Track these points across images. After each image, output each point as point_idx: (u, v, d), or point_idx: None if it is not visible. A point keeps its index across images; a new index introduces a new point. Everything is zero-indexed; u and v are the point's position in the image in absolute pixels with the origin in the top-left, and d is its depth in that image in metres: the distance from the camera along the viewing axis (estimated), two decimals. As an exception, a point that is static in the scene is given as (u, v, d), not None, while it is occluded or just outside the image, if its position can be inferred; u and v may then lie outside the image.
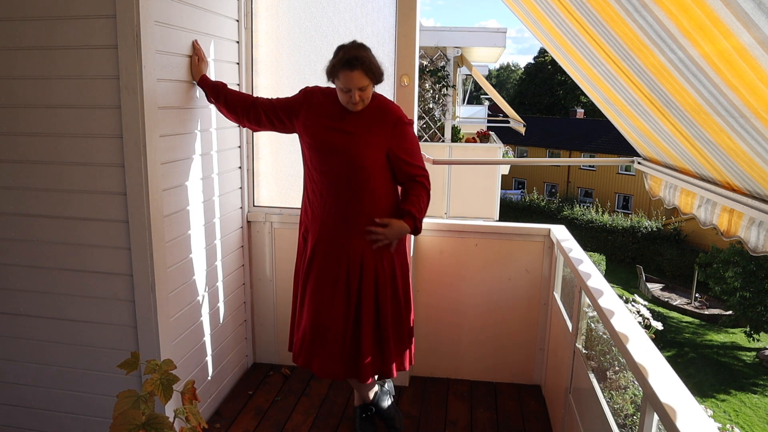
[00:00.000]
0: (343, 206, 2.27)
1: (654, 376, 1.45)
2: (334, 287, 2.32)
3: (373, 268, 2.31)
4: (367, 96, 2.21)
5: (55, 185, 2.19)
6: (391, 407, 2.65)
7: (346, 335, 2.34)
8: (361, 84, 2.15)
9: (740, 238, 1.83)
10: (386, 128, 2.26)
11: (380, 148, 2.25)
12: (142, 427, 1.37)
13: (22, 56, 2.10)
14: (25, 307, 2.31)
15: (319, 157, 2.28)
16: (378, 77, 2.21)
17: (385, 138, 2.25)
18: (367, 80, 2.16)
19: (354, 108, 2.22)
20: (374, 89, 2.29)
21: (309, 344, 2.35)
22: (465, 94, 18.67)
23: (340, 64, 2.13)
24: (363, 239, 2.27)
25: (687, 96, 1.55)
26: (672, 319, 16.40)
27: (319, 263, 2.34)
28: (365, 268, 2.30)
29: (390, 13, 2.85)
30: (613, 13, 1.52)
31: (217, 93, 2.42)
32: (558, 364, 2.76)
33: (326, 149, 2.26)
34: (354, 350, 2.36)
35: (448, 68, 9.70)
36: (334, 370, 2.35)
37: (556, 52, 2.86)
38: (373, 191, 2.27)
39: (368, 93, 2.22)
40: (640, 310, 2.85)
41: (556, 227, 3.05)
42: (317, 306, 2.34)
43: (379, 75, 2.21)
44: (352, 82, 2.13)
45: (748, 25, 1.03)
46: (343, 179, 2.25)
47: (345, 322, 2.33)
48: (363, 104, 2.23)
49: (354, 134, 2.24)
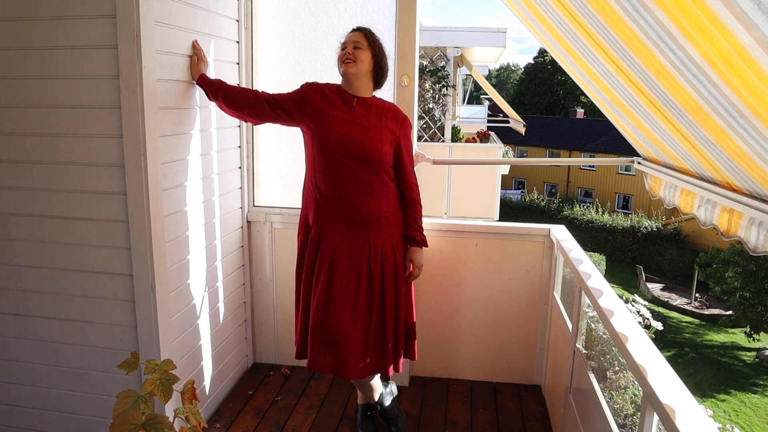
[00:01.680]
0: (362, 199, 2.28)
1: (654, 376, 1.45)
2: (357, 284, 2.31)
3: (393, 262, 2.36)
4: (360, 57, 2.27)
5: (55, 185, 2.19)
6: (394, 407, 2.65)
7: (370, 333, 2.34)
8: (357, 40, 2.28)
9: (740, 238, 1.83)
10: (396, 124, 2.35)
11: (391, 144, 2.34)
12: (142, 427, 1.37)
13: (23, 56, 2.10)
14: (25, 307, 2.31)
15: (337, 148, 2.25)
16: (377, 51, 2.31)
17: (394, 133, 2.34)
18: (365, 41, 2.28)
19: (345, 67, 2.27)
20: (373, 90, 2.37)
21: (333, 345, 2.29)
22: (465, 94, 18.67)
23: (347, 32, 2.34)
24: (382, 232, 2.32)
25: (687, 96, 1.55)
26: (672, 319, 16.40)
27: (343, 259, 2.29)
28: (386, 261, 2.34)
29: (390, 13, 2.85)
30: (613, 13, 1.52)
31: (216, 89, 2.41)
32: (558, 364, 2.76)
33: (345, 141, 2.25)
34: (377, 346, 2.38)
35: (448, 68, 9.71)
36: (360, 371, 2.33)
37: (555, 53, 2.86)
38: (388, 184, 2.34)
39: (362, 56, 2.28)
40: (640, 310, 2.85)
41: (556, 227, 3.05)
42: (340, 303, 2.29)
43: (379, 50, 2.32)
44: (350, 38, 2.31)
45: (748, 25, 1.03)
46: (362, 171, 2.27)
47: (369, 319, 2.33)
48: (355, 66, 2.27)
49: (370, 128, 2.28)
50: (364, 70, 2.29)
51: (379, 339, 2.37)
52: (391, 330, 2.38)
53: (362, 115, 2.29)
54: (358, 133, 2.26)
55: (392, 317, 2.38)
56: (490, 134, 11.20)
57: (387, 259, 2.34)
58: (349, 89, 2.32)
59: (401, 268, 2.40)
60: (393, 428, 2.63)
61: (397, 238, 2.39)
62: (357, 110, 2.29)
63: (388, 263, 2.35)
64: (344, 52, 2.28)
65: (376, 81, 2.36)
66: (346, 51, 2.28)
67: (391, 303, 2.37)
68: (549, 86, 40.50)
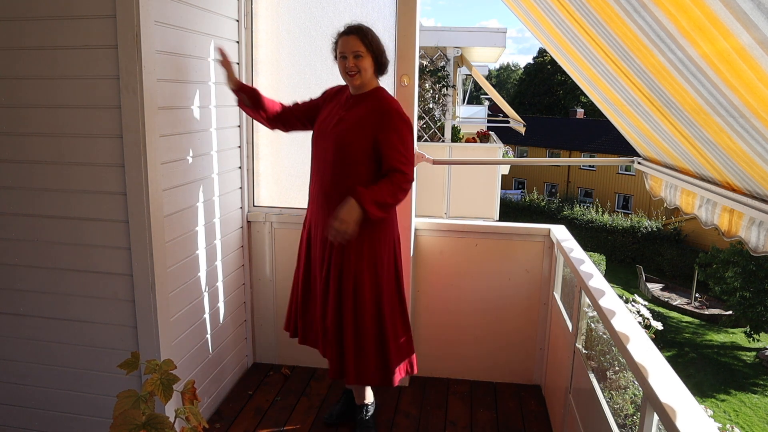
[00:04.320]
0: (330, 190, 2.30)
1: (654, 376, 1.45)
2: (324, 276, 2.38)
3: (353, 261, 2.30)
4: (363, 66, 2.23)
5: (56, 185, 2.19)
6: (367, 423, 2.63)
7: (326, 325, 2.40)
8: (356, 48, 2.21)
9: (741, 239, 1.82)
10: (376, 117, 2.25)
11: (367, 138, 2.23)
12: (142, 427, 1.37)
13: (23, 56, 2.10)
14: (26, 306, 2.31)
15: (313, 140, 2.40)
16: (376, 51, 2.25)
17: (372, 127, 2.23)
18: (363, 47, 2.21)
19: (351, 80, 2.26)
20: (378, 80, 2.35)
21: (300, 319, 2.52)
22: (465, 94, 18.67)
23: (338, 33, 2.27)
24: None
25: (687, 96, 1.55)
26: (672, 319, 16.40)
27: (313, 246, 2.45)
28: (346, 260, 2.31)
29: (390, 13, 2.85)
30: (613, 13, 1.52)
31: (256, 99, 2.48)
32: (558, 364, 2.76)
33: (318, 132, 2.38)
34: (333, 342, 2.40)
35: (448, 68, 9.70)
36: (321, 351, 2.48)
37: (555, 53, 2.86)
38: (358, 177, 2.24)
39: (365, 64, 2.23)
40: (640, 310, 2.85)
41: (556, 227, 3.05)
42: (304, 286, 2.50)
43: (378, 49, 2.26)
44: (347, 45, 2.22)
45: (748, 25, 1.03)
46: (330, 163, 2.29)
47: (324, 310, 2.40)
48: (360, 77, 2.25)
49: (346, 120, 2.28)
50: (369, 75, 2.28)
51: (333, 336, 2.38)
52: (348, 331, 2.34)
53: (353, 108, 2.31)
54: (333, 122, 2.31)
55: (350, 317, 2.33)
56: (490, 134, 11.20)
57: (348, 258, 2.30)
58: (353, 90, 2.34)
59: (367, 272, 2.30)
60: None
61: (368, 235, 2.27)
62: (352, 106, 2.31)
63: (349, 262, 2.30)
64: (346, 65, 2.24)
65: (379, 73, 2.35)
66: (347, 63, 2.23)
67: (349, 304, 2.32)
68: (549, 86, 40.49)
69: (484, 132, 11.25)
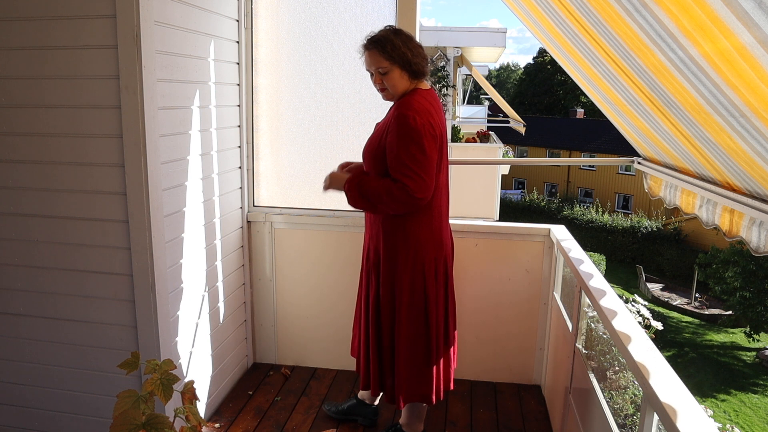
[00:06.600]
0: None
1: (654, 376, 1.45)
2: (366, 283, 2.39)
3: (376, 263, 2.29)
4: (391, 82, 2.09)
5: (56, 185, 2.19)
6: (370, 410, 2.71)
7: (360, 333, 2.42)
8: (378, 65, 2.07)
9: (742, 239, 1.82)
10: (388, 121, 2.16)
11: (380, 145, 2.15)
12: (142, 427, 1.37)
13: (22, 56, 2.10)
14: (26, 307, 2.31)
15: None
16: (403, 61, 2.05)
17: (384, 129, 2.16)
18: (385, 61, 2.05)
19: (385, 98, 2.20)
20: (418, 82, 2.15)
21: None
22: (465, 94, 18.68)
23: (362, 45, 2.13)
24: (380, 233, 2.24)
25: (687, 96, 1.55)
26: (672, 319, 16.40)
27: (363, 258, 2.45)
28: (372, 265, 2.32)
29: (390, 13, 2.85)
30: (614, 12, 1.52)
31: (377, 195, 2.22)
32: (558, 364, 2.75)
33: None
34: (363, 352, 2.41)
35: (448, 68, 9.70)
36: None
37: (556, 52, 2.86)
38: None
39: (393, 79, 2.08)
40: (640, 310, 2.85)
41: (556, 227, 3.05)
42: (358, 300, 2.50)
43: (403, 57, 2.05)
44: (368, 62, 2.11)
45: (749, 24, 1.03)
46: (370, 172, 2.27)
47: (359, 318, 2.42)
48: (389, 93, 2.14)
49: (375, 130, 2.28)
50: (400, 88, 2.13)
51: (364, 347, 2.40)
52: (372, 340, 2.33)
53: (384, 119, 2.26)
54: (371, 135, 2.29)
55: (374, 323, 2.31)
56: (490, 134, 11.20)
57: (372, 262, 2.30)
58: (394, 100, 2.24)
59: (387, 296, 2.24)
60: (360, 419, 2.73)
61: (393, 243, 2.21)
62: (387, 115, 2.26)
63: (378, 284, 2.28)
64: (374, 82, 2.15)
65: (414, 77, 2.15)
66: (374, 81, 2.14)
67: (374, 308, 2.30)
68: (549, 86, 40.50)
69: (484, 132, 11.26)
